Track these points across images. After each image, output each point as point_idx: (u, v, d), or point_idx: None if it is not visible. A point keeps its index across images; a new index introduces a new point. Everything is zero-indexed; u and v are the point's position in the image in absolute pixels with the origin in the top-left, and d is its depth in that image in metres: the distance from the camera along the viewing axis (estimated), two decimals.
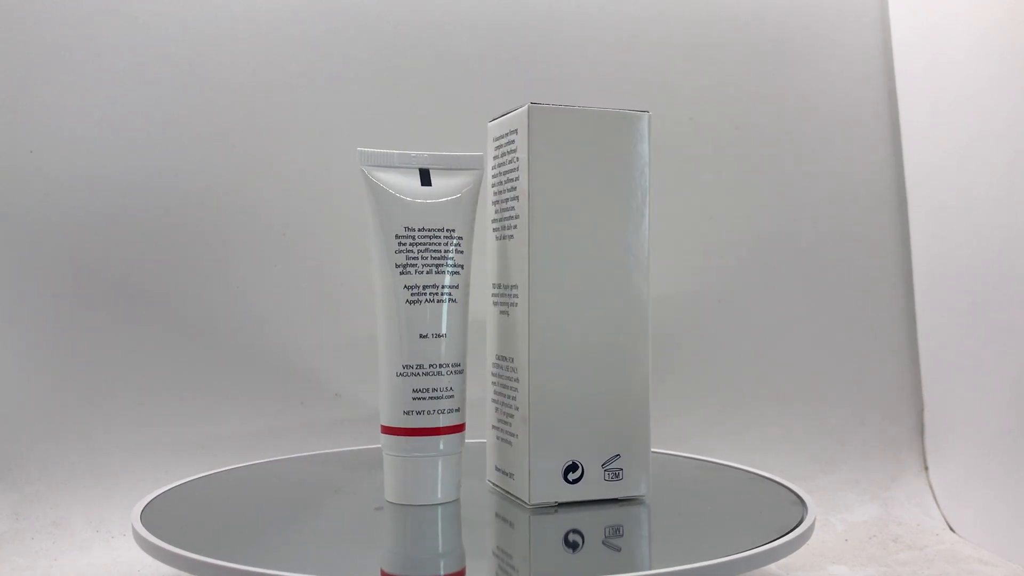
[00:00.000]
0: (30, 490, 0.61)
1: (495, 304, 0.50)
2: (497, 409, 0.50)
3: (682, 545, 0.43)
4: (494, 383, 0.50)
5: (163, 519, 0.44)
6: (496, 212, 0.49)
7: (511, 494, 0.48)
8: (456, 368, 0.47)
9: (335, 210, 0.67)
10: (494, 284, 0.50)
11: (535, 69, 0.69)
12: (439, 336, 0.46)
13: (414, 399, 0.46)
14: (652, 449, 0.58)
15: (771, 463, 0.66)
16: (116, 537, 0.59)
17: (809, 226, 0.70)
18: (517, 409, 0.47)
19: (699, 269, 0.70)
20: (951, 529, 0.62)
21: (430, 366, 0.46)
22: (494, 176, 0.50)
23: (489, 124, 0.51)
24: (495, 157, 0.50)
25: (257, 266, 0.66)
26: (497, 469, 0.50)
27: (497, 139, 0.49)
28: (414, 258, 0.46)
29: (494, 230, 0.50)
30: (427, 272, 0.46)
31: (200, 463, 0.61)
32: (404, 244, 0.46)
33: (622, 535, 0.44)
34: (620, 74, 0.69)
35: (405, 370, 0.46)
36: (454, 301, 0.47)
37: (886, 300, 0.70)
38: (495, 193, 0.50)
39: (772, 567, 0.53)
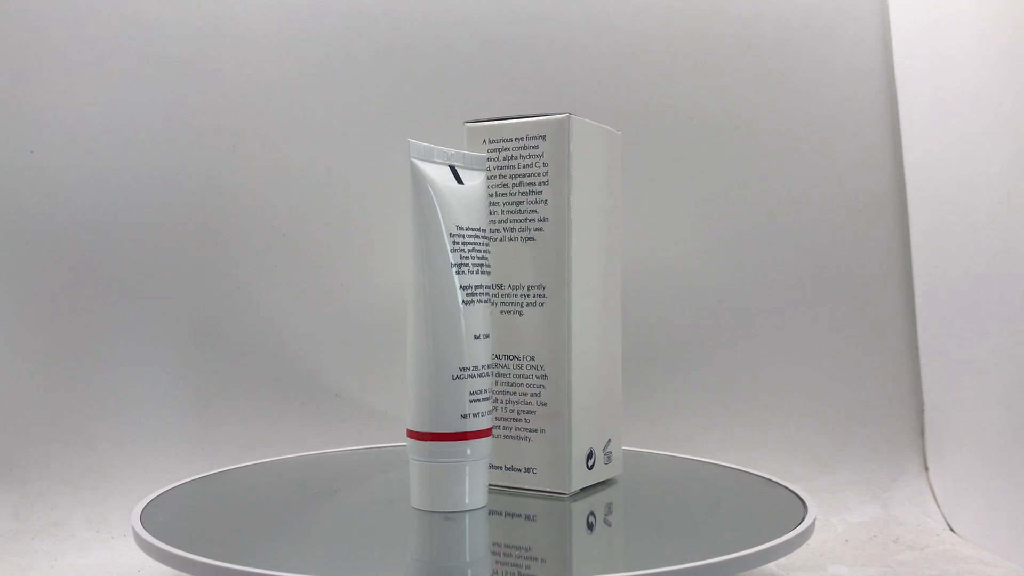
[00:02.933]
0: (30, 490, 0.61)
1: (489, 303, 0.50)
2: (497, 408, 0.50)
3: (682, 544, 0.43)
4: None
5: (163, 519, 0.44)
6: (499, 214, 0.49)
7: (526, 489, 0.49)
8: (493, 369, 0.47)
9: (335, 210, 0.67)
10: (495, 284, 0.50)
11: (533, 69, 0.69)
12: (486, 337, 0.46)
13: (471, 402, 0.45)
14: (653, 450, 0.60)
15: (771, 463, 0.66)
16: (116, 537, 0.59)
17: (809, 226, 0.70)
18: (543, 405, 0.48)
19: (699, 269, 0.70)
20: (951, 529, 0.62)
21: (483, 367, 0.45)
22: (489, 178, 0.50)
23: (474, 125, 0.50)
24: (490, 159, 0.50)
25: (257, 266, 0.66)
26: (494, 467, 0.50)
27: (497, 142, 0.49)
28: (466, 257, 0.45)
29: (491, 231, 0.50)
30: (476, 272, 0.46)
31: (200, 463, 0.61)
32: (457, 243, 0.45)
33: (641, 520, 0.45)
34: (620, 74, 0.69)
35: (463, 372, 0.45)
36: (489, 301, 0.47)
37: (886, 300, 0.70)
38: (496, 195, 0.50)
39: (772, 567, 0.53)
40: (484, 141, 0.50)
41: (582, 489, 0.49)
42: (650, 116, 0.70)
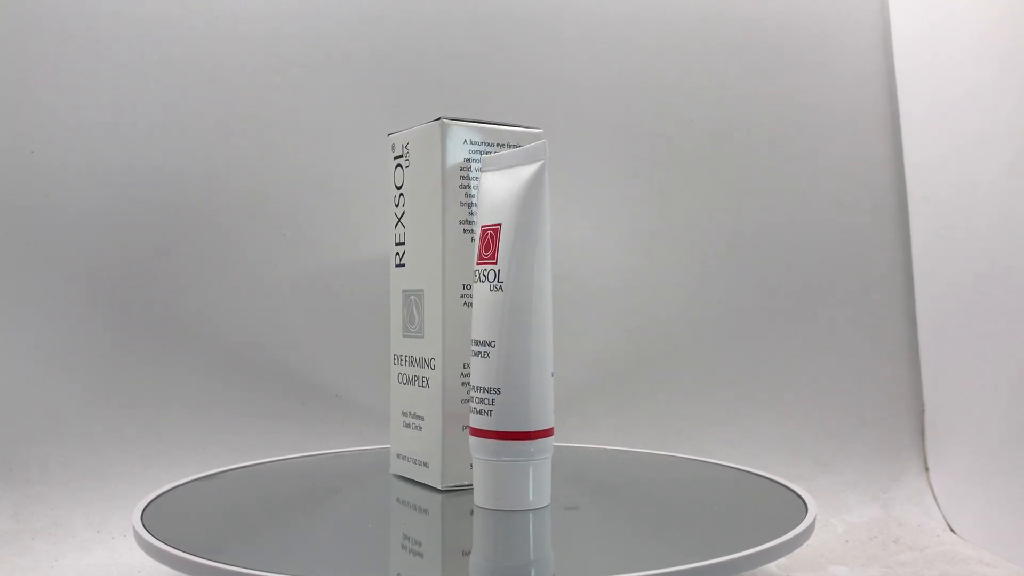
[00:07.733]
0: (31, 490, 0.61)
1: (468, 304, 0.50)
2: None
3: (682, 545, 0.43)
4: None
5: (164, 520, 0.44)
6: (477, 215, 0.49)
7: None
8: None
9: (336, 210, 0.67)
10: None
11: (532, 69, 0.69)
12: None
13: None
14: (653, 451, 0.60)
15: (772, 463, 0.66)
16: (117, 538, 0.59)
17: (809, 226, 0.70)
18: None
19: (699, 269, 0.70)
20: (952, 530, 0.62)
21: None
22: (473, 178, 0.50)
23: (449, 123, 0.49)
24: (472, 160, 0.49)
25: (258, 266, 0.66)
26: None
27: (479, 144, 0.49)
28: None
29: (466, 231, 0.50)
30: None
31: (200, 463, 0.61)
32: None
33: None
34: (619, 75, 0.69)
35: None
36: None
37: (886, 300, 0.70)
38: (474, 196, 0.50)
39: (772, 567, 0.53)
40: (465, 141, 0.50)
41: None
42: (651, 117, 0.70)
